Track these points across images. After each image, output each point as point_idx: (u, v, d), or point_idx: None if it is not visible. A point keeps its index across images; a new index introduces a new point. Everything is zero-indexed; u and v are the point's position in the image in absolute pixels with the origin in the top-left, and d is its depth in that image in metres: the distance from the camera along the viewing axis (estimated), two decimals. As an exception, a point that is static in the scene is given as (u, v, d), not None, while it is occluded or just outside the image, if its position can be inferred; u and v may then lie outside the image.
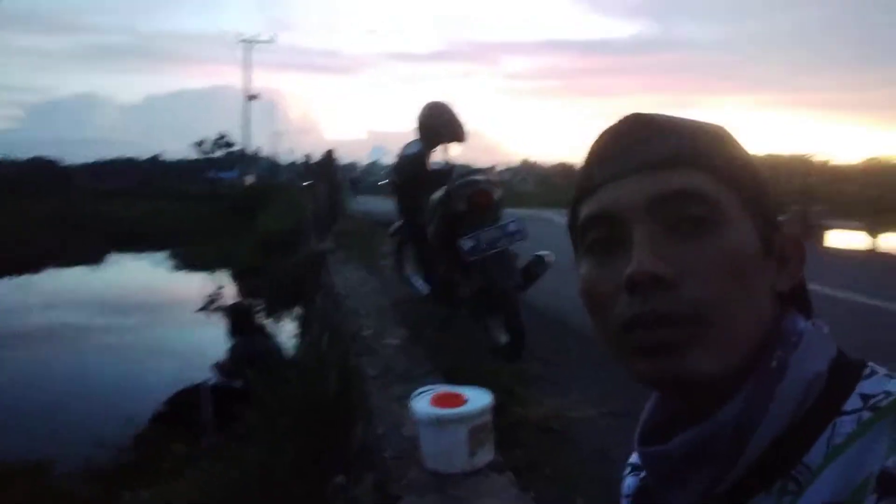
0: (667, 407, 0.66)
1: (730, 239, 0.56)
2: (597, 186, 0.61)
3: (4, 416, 6.56)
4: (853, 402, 0.53)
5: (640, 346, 0.56)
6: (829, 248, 10.46)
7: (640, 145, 0.59)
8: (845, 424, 0.52)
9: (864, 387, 0.54)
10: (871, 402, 0.53)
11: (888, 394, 0.53)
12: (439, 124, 4.72)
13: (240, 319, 6.21)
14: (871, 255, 9.65)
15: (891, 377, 0.55)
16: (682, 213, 0.56)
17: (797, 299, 0.63)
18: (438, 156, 4.87)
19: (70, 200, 29.78)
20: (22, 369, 8.66)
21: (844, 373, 0.57)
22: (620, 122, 0.63)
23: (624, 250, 0.57)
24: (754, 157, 0.64)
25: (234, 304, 8.32)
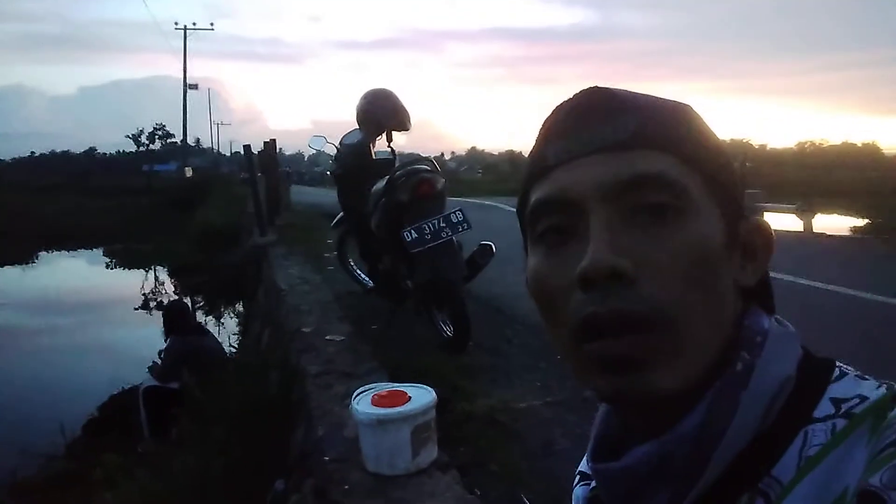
0: (619, 417, 0.59)
1: (695, 229, 0.50)
2: (550, 168, 0.53)
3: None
4: (825, 408, 0.48)
5: (597, 359, 0.49)
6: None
7: (599, 123, 0.52)
8: (818, 433, 0.47)
9: (835, 390, 0.50)
10: (844, 407, 0.48)
11: (862, 398, 0.48)
12: (381, 112, 4.60)
13: (174, 318, 5.96)
14: (803, 236, 9.95)
15: (863, 378, 0.50)
16: (644, 200, 0.50)
17: (759, 293, 0.56)
18: (382, 145, 4.74)
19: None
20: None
21: (813, 375, 0.51)
22: (577, 96, 0.55)
23: (578, 240, 0.50)
24: (720, 138, 0.57)
25: (169, 303, 8.03)
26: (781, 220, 11.04)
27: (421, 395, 2.29)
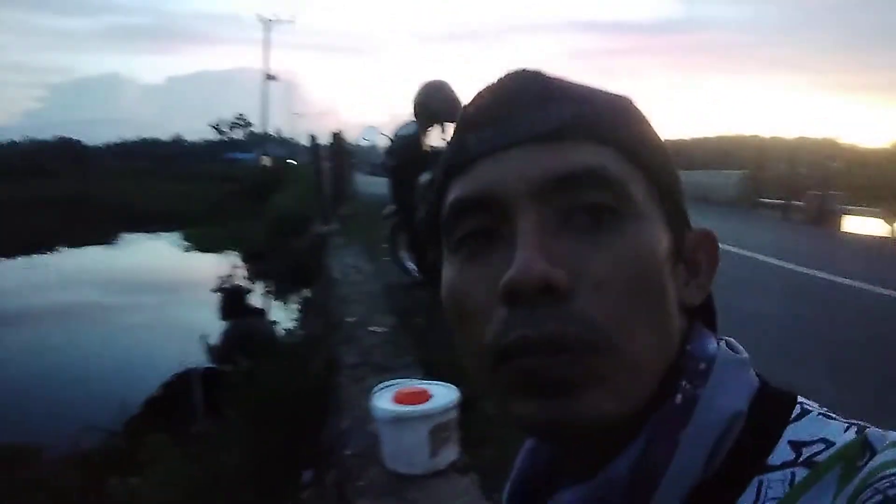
0: (545, 456, 0.51)
1: (638, 235, 0.43)
2: (471, 161, 0.45)
3: (1, 399, 6.56)
4: (782, 453, 0.41)
5: (521, 381, 0.41)
6: (843, 235, 10.21)
7: (529, 110, 0.44)
8: (774, 485, 0.39)
9: (795, 431, 0.42)
10: (805, 453, 0.40)
11: (827, 443, 0.40)
12: (435, 104, 4.58)
13: (232, 302, 6.13)
14: (886, 242, 9.34)
15: (828, 417, 0.42)
16: (580, 199, 0.42)
17: (702, 312, 0.48)
18: (437, 137, 4.72)
19: (88, 180, 30.06)
20: (23, 350, 8.68)
21: (769, 412, 0.43)
22: (503, 79, 0.47)
23: (504, 246, 0.42)
24: (662, 137, 0.49)
25: (227, 287, 8.27)
26: (866, 225, 10.41)
27: (443, 394, 2.24)
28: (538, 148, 0.43)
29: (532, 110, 0.44)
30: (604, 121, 0.44)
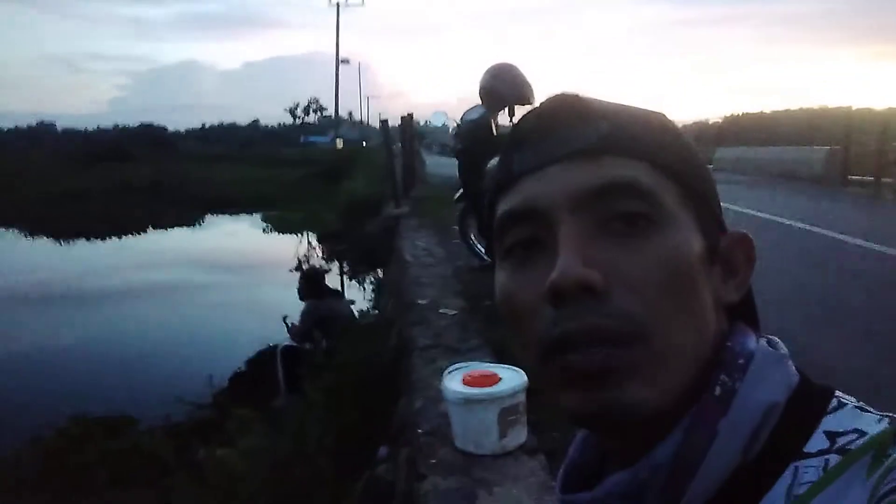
0: (596, 446, 0.57)
1: (670, 240, 0.47)
2: (516, 178, 0.52)
3: (99, 372, 7.05)
4: (817, 442, 0.45)
5: (569, 374, 0.47)
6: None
7: (566, 130, 0.50)
8: (809, 470, 0.43)
9: (830, 422, 0.45)
10: (840, 442, 0.44)
11: (860, 432, 0.44)
12: (503, 87, 4.59)
13: (311, 283, 6.36)
14: None
15: (863, 410, 0.46)
16: (616, 209, 0.48)
17: (743, 311, 0.53)
18: (505, 120, 4.74)
19: (171, 165, 31.34)
20: (118, 327, 9.26)
21: (806, 404, 0.47)
22: (544, 103, 0.53)
23: (548, 254, 0.48)
24: (695, 147, 0.54)
25: (306, 268, 8.55)
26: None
27: (511, 378, 2.29)
28: (575, 164, 0.49)
29: (569, 130, 0.50)
30: (635, 136, 0.50)
